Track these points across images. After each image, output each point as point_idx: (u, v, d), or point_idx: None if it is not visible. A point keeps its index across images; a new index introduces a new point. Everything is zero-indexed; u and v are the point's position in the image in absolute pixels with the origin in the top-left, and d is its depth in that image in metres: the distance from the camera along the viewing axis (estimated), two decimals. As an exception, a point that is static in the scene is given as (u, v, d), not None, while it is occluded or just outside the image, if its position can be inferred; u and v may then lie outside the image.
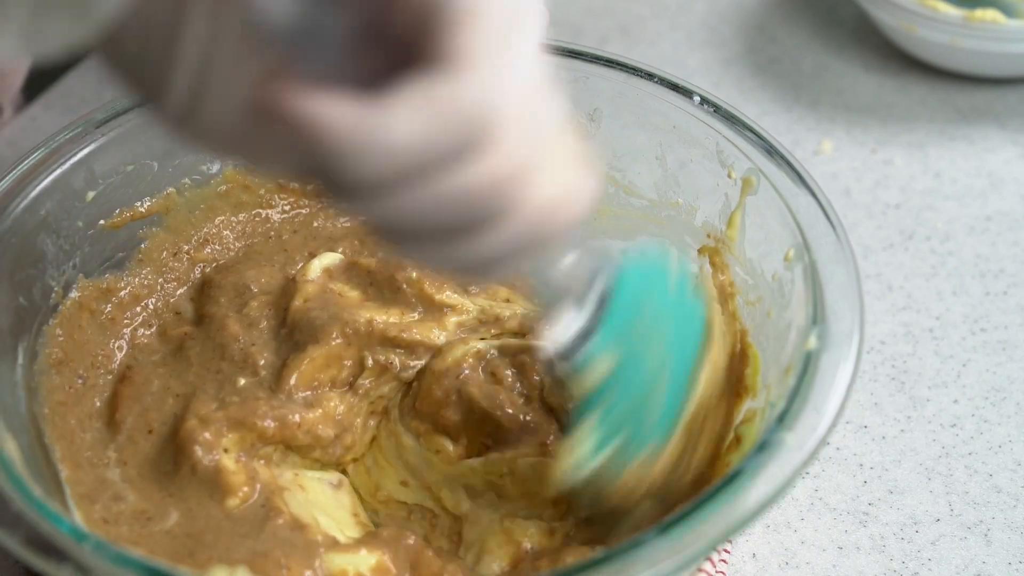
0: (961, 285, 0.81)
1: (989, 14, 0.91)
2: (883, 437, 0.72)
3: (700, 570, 0.64)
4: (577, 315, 0.53)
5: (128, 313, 0.69)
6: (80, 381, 0.65)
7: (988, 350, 0.77)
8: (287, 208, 0.74)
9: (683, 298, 0.58)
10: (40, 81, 1.02)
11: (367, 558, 0.57)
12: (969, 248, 0.84)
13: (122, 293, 0.69)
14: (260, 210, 0.74)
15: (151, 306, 0.70)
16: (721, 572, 0.64)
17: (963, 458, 0.71)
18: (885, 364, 0.76)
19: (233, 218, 0.73)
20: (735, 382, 0.64)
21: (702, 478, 0.61)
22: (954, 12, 0.92)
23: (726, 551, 0.65)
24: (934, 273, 0.82)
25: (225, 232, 0.73)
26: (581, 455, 0.56)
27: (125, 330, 0.69)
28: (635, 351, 0.55)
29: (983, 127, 0.93)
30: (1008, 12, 0.92)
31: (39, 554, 0.50)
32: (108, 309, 0.68)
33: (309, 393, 0.65)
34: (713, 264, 0.68)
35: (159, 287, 0.70)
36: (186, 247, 0.72)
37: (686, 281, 0.58)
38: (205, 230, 0.73)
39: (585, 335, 0.54)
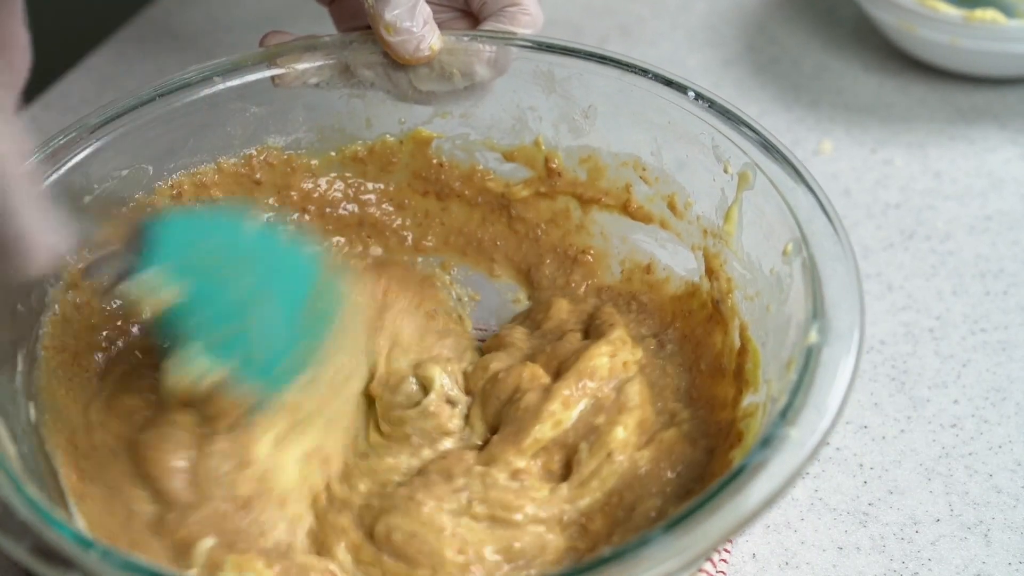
0: (961, 285, 0.81)
1: (989, 14, 0.91)
2: (883, 437, 0.72)
3: (700, 570, 0.63)
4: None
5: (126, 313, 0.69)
6: (79, 384, 0.65)
7: (988, 350, 0.77)
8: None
9: (272, 250, 0.64)
10: (40, 81, 1.02)
11: None
12: (969, 248, 0.83)
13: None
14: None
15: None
16: (721, 572, 0.64)
17: (963, 458, 0.71)
18: (885, 364, 0.76)
19: None
20: (735, 375, 0.64)
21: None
22: (954, 12, 0.92)
23: (726, 551, 0.65)
24: (934, 273, 0.82)
25: None
26: (188, 368, 0.61)
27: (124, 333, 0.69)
28: (208, 288, 0.61)
29: (983, 127, 0.93)
30: (1008, 12, 0.92)
31: (45, 562, 0.50)
32: (107, 311, 0.68)
33: None
34: (708, 265, 0.68)
35: None
36: None
37: (275, 237, 0.66)
38: None
39: (123, 274, 0.60)
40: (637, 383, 0.66)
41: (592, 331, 0.70)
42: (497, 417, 0.67)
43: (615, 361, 0.67)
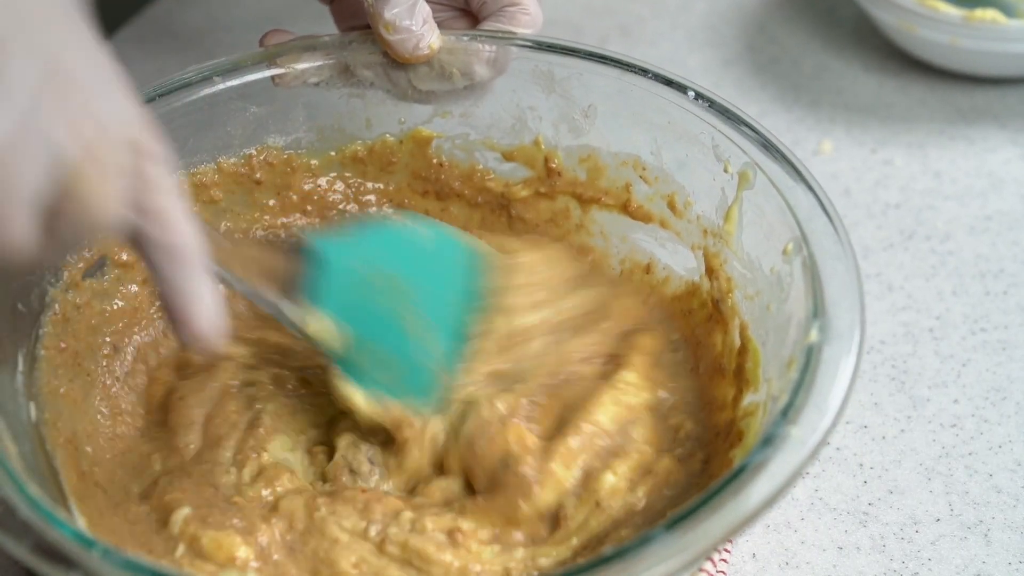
0: (961, 285, 0.81)
1: (989, 14, 0.91)
2: (883, 437, 0.72)
3: (700, 570, 0.63)
4: (281, 301, 0.61)
5: (127, 316, 0.69)
6: (80, 385, 0.65)
7: (988, 350, 0.77)
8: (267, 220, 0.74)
9: (439, 255, 0.66)
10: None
11: None
12: (969, 248, 0.83)
13: (120, 295, 0.69)
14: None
15: (150, 309, 0.70)
16: (721, 572, 0.64)
17: (963, 458, 0.71)
18: (885, 364, 0.76)
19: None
20: (735, 375, 0.64)
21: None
22: (954, 12, 0.92)
23: (726, 550, 0.65)
24: (934, 273, 0.82)
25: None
26: (350, 391, 0.63)
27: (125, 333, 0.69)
28: (366, 313, 0.63)
29: (983, 127, 0.93)
30: (1008, 12, 0.92)
31: (47, 561, 0.50)
32: (108, 312, 0.68)
33: None
34: (708, 264, 0.68)
35: None
36: None
37: (439, 239, 0.66)
38: None
39: (291, 310, 0.61)
40: (641, 425, 0.64)
41: (614, 360, 0.67)
42: (489, 480, 0.62)
43: (619, 409, 0.64)
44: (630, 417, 0.64)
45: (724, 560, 0.64)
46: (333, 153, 0.75)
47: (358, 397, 0.63)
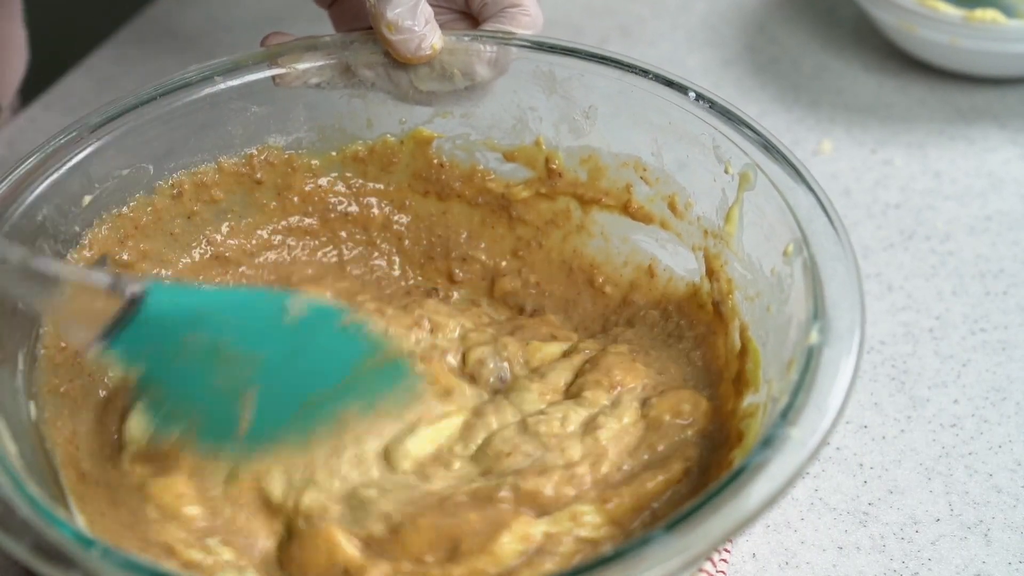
0: (961, 285, 0.81)
1: (989, 14, 0.91)
2: (883, 437, 0.72)
3: (700, 570, 0.63)
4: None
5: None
6: (80, 385, 0.65)
7: (988, 350, 0.77)
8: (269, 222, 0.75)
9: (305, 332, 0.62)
10: (40, 81, 1.02)
11: None
12: (969, 248, 0.84)
13: None
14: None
15: None
16: (721, 572, 0.64)
17: (963, 458, 0.71)
18: (885, 364, 0.76)
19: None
20: (736, 376, 0.64)
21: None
22: (954, 12, 0.92)
23: (726, 550, 0.65)
24: (934, 273, 0.82)
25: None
26: (137, 423, 0.63)
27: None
28: (181, 361, 0.60)
29: (983, 127, 0.93)
30: (1008, 12, 0.92)
31: (46, 561, 0.50)
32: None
33: None
34: (709, 266, 0.68)
35: None
36: None
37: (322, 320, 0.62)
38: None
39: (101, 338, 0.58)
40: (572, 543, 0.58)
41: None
42: None
43: (528, 545, 0.57)
44: (555, 547, 0.58)
45: (724, 560, 0.65)
46: (334, 153, 0.74)
47: (136, 423, 0.63)
